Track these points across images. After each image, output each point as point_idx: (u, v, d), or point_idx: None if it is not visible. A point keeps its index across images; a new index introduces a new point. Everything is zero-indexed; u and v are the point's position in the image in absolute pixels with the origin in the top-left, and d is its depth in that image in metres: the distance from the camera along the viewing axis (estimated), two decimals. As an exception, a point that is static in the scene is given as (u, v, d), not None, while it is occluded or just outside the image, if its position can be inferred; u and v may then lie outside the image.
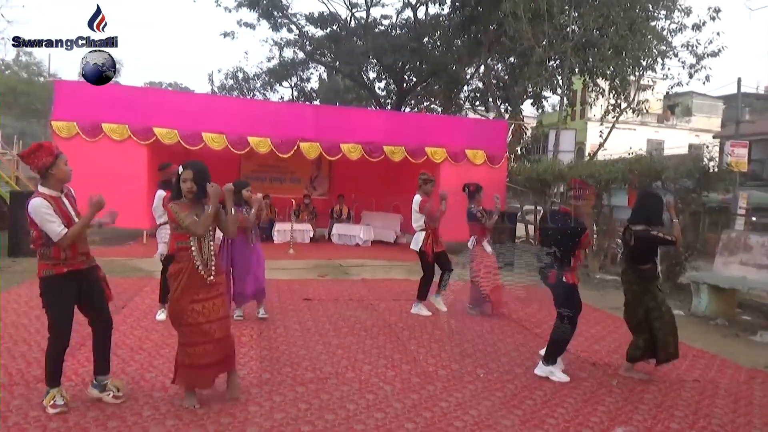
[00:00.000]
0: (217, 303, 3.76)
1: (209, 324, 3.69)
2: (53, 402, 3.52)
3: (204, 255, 3.69)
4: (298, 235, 13.44)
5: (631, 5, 15.68)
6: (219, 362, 3.79)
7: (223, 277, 3.93)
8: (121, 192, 9.56)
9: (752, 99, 29.62)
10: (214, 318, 3.72)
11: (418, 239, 6.91)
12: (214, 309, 3.73)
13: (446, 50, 20.43)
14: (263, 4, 20.90)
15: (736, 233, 8.40)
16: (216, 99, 17.55)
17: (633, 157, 11.00)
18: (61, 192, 3.61)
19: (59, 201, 3.57)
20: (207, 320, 3.68)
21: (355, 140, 12.34)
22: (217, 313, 3.74)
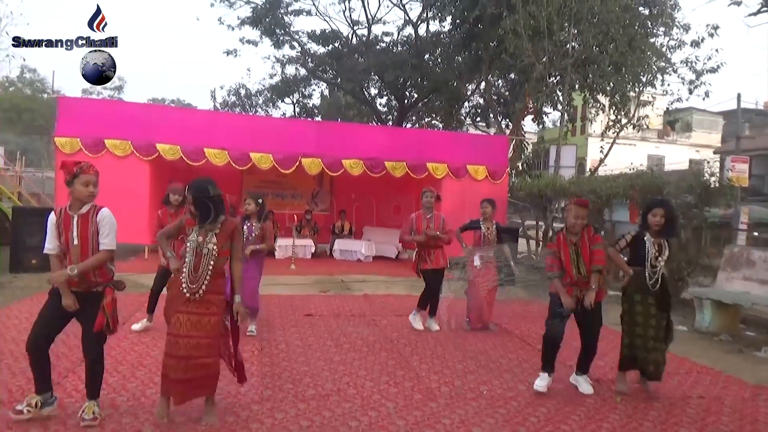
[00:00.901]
0: (203, 321, 3.64)
1: (184, 338, 3.59)
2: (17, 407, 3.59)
3: (198, 272, 3.65)
4: (299, 250, 13.42)
5: (630, 22, 15.81)
6: (187, 381, 3.62)
7: (219, 298, 3.75)
8: (124, 207, 9.52)
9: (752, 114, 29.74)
10: (193, 334, 3.60)
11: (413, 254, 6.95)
12: (198, 325, 3.62)
13: (447, 67, 20.56)
14: (266, 22, 21.11)
15: (738, 248, 8.39)
16: (218, 115, 17.63)
17: (634, 172, 11.03)
18: (78, 210, 3.61)
19: (69, 219, 3.59)
20: (186, 334, 3.59)
21: (356, 156, 12.37)
22: (198, 331, 3.62)
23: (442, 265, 6.89)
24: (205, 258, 3.67)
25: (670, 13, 16.48)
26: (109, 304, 3.62)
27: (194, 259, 3.66)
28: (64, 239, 3.57)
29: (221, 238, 3.73)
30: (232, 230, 3.79)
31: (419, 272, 6.86)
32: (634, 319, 4.73)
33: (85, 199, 3.62)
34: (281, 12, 21.59)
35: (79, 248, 3.57)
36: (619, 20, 15.20)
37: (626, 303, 4.83)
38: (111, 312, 3.62)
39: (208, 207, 3.68)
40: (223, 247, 3.74)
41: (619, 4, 15.22)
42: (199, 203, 3.69)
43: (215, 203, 3.70)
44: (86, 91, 39.56)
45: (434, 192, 6.97)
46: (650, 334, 4.65)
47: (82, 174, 3.58)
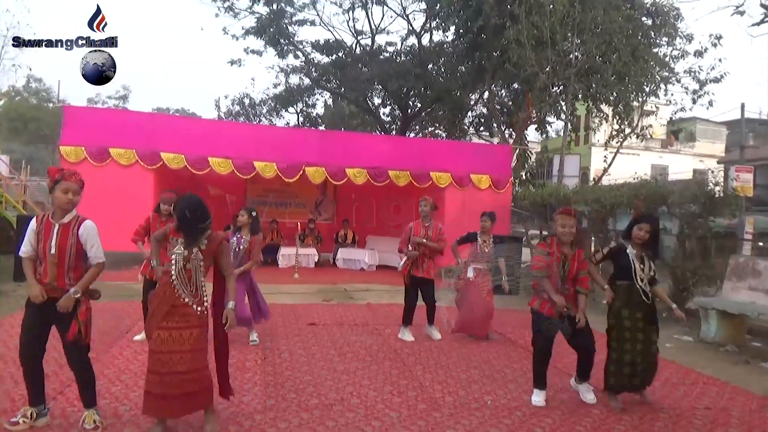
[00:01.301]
0: (185, 335, 3.56)
1: (169, 354, 3.51)
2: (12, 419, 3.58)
3: (192, 284, 3.61)
4: (303, 259, 13.42)
5: (633, 32, 15.83)
6: (179, 396, 3.52)
7: (203, 310, 3.68)
8: (128, 216, 9.56)
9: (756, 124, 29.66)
10: (175, 349, 3.52)
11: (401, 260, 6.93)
12: (179, 340, 3.54)
13: (450, 76, 20.61)
14: (270, 32, 21.22)
15: (743, 258, 8.33)
16: (222, 124, 17.70)
17: (638, 182, 10.99)
18: (60, 219, 3.57)
19: (50, 227, 3.56)
20: (168, 350, 3.51)
21: (360, 165, 12.40)
22: (180, 345, 3.54)
23: (432, 276, 6.81)
24: (194, 271, 3.62)
25: (673, 23, 16.51)
26: (83, 312, 3.57)
27: (182, 271, 3.59)
28: (42, 246, 3.53)
29: (206, 255, 3.66)
30: (217, 247, 3.72)
31: (409, 278, 6.78)
32: (623, 335, 4.62)
33: (64, 206, 3.56)
34: (285, 22, 21.72)
35: (56, 257, 3.52)
36: (622, 30, 15.23)
37: (612, 319, 4.71)
38: (84, 320, 3.57)
39: (193, 228, 3.62)
40: (207, 263, 3.69)
41: (622, 14, 15.26)
42: (184, 223, 3.62)
43: (201, 224, 3.63)
44: (91, 101, 39.88)
45: (430, 200, 6.89)
46: (638, 349, 4.58)
47: (62, 181, 3.54)
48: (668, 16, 16.45)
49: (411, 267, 6.77)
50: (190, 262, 3.60)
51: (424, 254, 6.72)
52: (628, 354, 4.59)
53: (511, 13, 14.88)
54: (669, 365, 6.13)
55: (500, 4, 15.24)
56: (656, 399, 4.87)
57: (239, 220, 6.22)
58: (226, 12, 21.55)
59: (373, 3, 22.07)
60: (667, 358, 6.43)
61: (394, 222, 14.54)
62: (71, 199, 3.57)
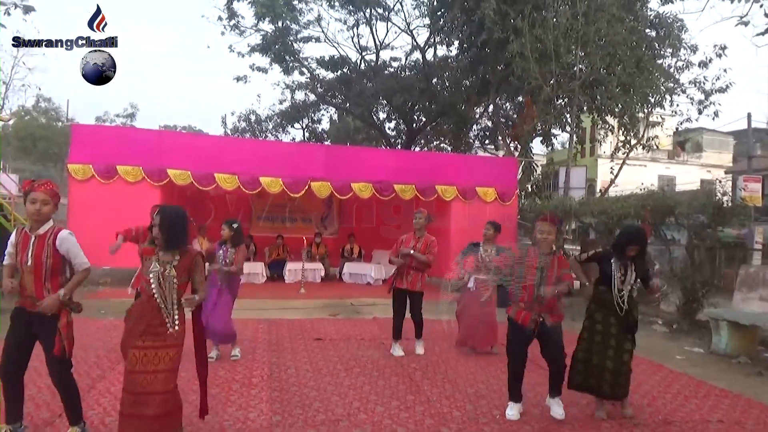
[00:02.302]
0: (161, 354, 3.47)
1: (140, 374, 3.42)
2: None
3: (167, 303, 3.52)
4: (309, 274, 13.39)
5: (638, 44, 15.86)
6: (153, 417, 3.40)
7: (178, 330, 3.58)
8: (134, 233, 9.60)
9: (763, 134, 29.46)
10: (151, 369, 3.44)
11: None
12: (150, 360, 3.45)
13: (455, 90, 20.68)
14: (275, 49, 21.41)
15: (754, 268, 8.26)
16: (228, 140, 17.80)
17: (645, 192, 10.94)
18: (36, 231, 3.54)
19: (27, 239, 3.53)
20: (142, 370, 3.43)
21: (365, 179, 12.41)
22: (154, 365, 3.45)
23: (419, 289, 6.69)
24: (168, 290, 3.53)
25: (677, 34, 16.52)
26: (64, 326, 3.51)
27: (161, 289, 3.51)
28: (20, 259, 3.51)
29: (179, 271, 3.57)
30: (191, 262, 3.63)
31: (392, 289, 6.72)
32: (593, 338, 4.64)
33: (33, 217, 3.51)
34: (291, 39, 21.91)
35: (32, 269, 3.49)
36: (626, 42, 15.26)
37: (587, 321, 4.74)
38: (66, 334, 3.50)
39: (174, 233, 3.58)
40: (182, 280, 3.59)
41: (625, 26, 15.29)
42: (166, 228, 3.57)
43: (182, 231, 3.62)
44: (99, 119, 40.23)
45: (425, 213, 6.80)
46: (609, 354, 4.55)
47: (31, 191, 3.51)
48: (672, 28, 16.46)
49: (395, 278, 6.73)
50: (164, 279, 3.52)
51: (410, 266, 6.62)
52: (596, 356, 4.59)
53: (514, 26, 14.94)
54: (680, 377, 6.04)
55: (503, 18, 15.31)
56: (668, 412, 4.79)
57: (222, 234, 6.20)
58: (232, 30, 21.80)
59: (377, 19, 22.29)
60: (678, 370, 6.35)
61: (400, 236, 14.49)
62: (39, 209, 3.50)
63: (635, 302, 4.68)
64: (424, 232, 6.75)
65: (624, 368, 4.57)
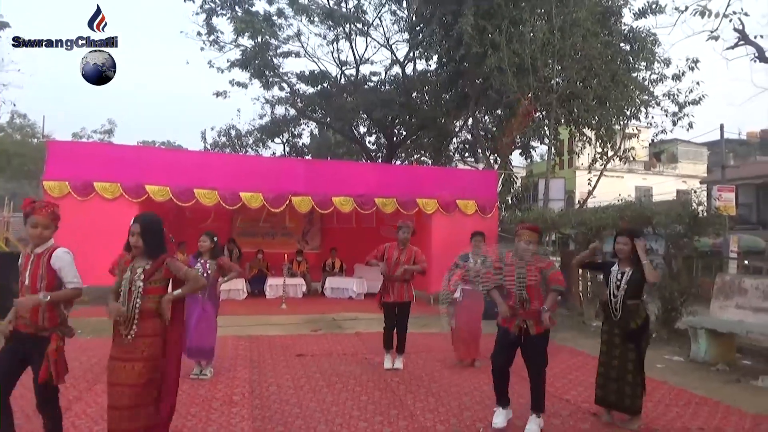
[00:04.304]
0: (127, 368, 3.39)
1: (118, 387, 3.37)
2: None
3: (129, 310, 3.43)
4: (290, 289, 13.30)
5: (612, 58, 16.16)
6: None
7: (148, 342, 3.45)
8: (112, 250, 9.43)
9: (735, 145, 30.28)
10: (126, 382, 3.37)
11: None
12: (123, 373, 3.38)
13: (434, 104, 20.84)
14: (255, 64, 21.39)
15: (730, 277, 8.39)
16: (208, 156, 17.69)
17: (622, 203, 11.09)
18: (34, 250, 3.51)
19: (28, 259, 3.51)
20: (118, 382, 3.38)
21: (346, 193, 12.40)
22: (126, 379, 3.37)
23: (406, 299, 6.70)
24: (133, 297, 3.45)
25: (650, 48, 16.86)
26: (53, 351, 3.38)
27: (125, 298, 3.46)
28: (20, 280, 3.48)
29: (148, 273, 3.50)
30: (161, 264, 3.54)
31: (381, 305, 6.71)
32: (601, 349, 4.77)
33: (33, 240, 3.49)
34: (270, 54, 21.91)
35: (29, 289, 3.43)
36: (602, 56, 15.54)
37: (602, 334, 4.85)
38: (55, 359, 3.37)
39: (156, 241, 3.56)
40: (154, 284, 3.52)
41: (600, 40, 15.59)
42: (149, 236, 3.54)
43: (162, 239, 3.61)
44: (76, 135, 39.73)
45: (410, 227, 6.84)
46: (614, 365, 4.62)
47: (32, 214, 3.47)
48: (645, 42, 16.79)
49: (381, 294, 6.72)
50: (133, 285, 3.47)
51: (394, 279, 6.62)
52: (602, 367, 4.69)
53: (492, 41, 15.15)
54: (661, 386, 6.10)
55: (480, 33, 15.51)
56: (649, 420, 4.82)
57: (202, 246, 6.09)
58: (211, 46, 21.73)
59: (356, 34, 22.39)
60: (659, 378, 6.40)
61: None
62: (40, 233, 3.48)
63: (636, 309, 4.66)
64: (406, 244, 6.77)
65: (628, 377, 4.58)
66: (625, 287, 4.62)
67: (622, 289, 4.63)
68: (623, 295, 4.62)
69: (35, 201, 3.61)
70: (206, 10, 20.48)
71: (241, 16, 19.33)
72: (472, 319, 6.87)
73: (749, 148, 35.28)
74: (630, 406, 4.61)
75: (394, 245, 6.77)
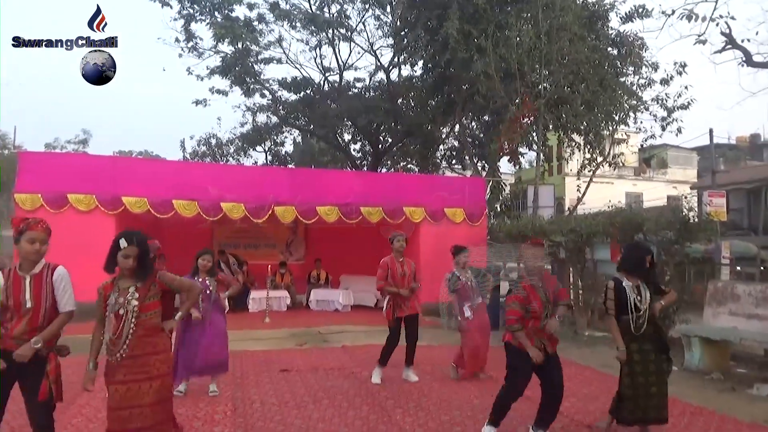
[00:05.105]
0: (143, 388, 3.40)
1: (125, 411, 3.36)
2: None
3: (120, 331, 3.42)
4: (274, 302, 13.22)
5: (600, 62, 16.37)
6: None
7: (161, 358, 3.53)
8: (87, 265, 9.30)
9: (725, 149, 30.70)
10: (133, 404, 3.37)
11: (384, 303, 6.87)
12: (134, 395, 3.38)
13: (420, 110, 20.93)
14: (235, 71, 21.35)
15: (722, 283, 8.46)
16: (187, 165, 17.62)
17: (613, 210, 11.18)
18: (30, 270, 3.48)
19: (19, 280, 3.45)
20: (125, 406, 3.37)
21: (331, 202, 12.40)
22: (140, 399, 3.38)
23: (417, 311, 6.86)
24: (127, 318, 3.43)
25: (638, 52, 17.10)
26: (53, 370, 3.45)
27: (114, 322, 3.44)
28: (13, 302, 3.42)
29: (143, 291, 3.50)
30: (155, 278, 3.55)
31: (395, 320, 6.71)
32: (634, 369, 4.60)
33: (32, 257, 3.49)
34: (251, 61, 21.89)
35: (32, 311, 3.42)
36: (589, 60, 15.73)
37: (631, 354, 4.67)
38: (55, 378, 3.44)
39: (149, 262, 3.56)
40: (148, 299, 3.51)
41: (587, 45, 15.78)
42: (144, 257, 3.53)
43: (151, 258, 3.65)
44: (49, 146, 39.27)
45: (405, 235, 6.94)
46: (652, 380, 4.57)
47: (28, 230, 3.47)
48: (633, 46, 17.03)
49: (394, 309, 6.70)
50: (124, 305, 3.44)
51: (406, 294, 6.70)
52: (641, 387, 4.57)
53: (478, 46, 15.27)
54: (655, 396, 6.12)
55: (466, 37, 15.63)
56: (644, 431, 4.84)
57: (204, 264, 6.07)
58: (190, 52, 21.64)
59: (339, 40, 22.46)
60: (652, 389, 6.42)
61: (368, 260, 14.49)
62: (39, 249, 3.50)
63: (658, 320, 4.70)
64: (403, 255, 6.85)
65: (664, 389, 4.61)
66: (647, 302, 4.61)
67: (644, 302, 4.60)
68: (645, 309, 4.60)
69: (26, 218, 3.60)
70: (184, 15, 20.38)
71: (221, 22, 19.29)
72: (483, 336, 6.94)
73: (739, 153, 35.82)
74: (666, 416, 4.65)
75: (392, 259, 6.80)
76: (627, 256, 4.88)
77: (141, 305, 3.46)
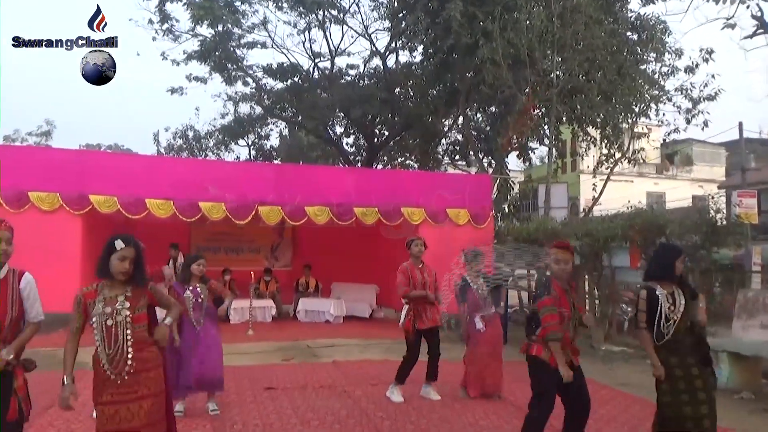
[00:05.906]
0: (132, 408, 3.35)
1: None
2: None
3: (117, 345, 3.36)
4: (258, 313, 13.21)
5: (618, 48, 16.39)
6: None
7: (152, 375, 3.48)
8: (51, 270, 9.30)
9: (756, 144, 30.64)
10: (123, 428, 3.32)
11: (401, 314, 6.88)
12: (125, 417, 3.33)
13: (420, 101, 20.94)
14: (215, 56, 21.32)
15: (753, 293, 8.44)
16: (162, 161, 17.59)
17: (632, 211, 11.19)
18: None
19: None
20: (115, 429, 3.31)
21: (321, 202, 12.38)
22: (127, 422, 3.32)
23: (439, 323, 6.95)
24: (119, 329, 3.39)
25: (660, 37, 17.11)
26: (21, 386, 3.44)
27: (104, 330, 3.37)
28: None
29: (133, 301, 3.46)
30: (145, 288, 3.54)
31: (416, 333, 6.72)
32: (677, 386, 4.41)
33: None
34: (233, 45, 21.85)
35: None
36: (606, 46, 15.74)
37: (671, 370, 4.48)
38: (24, 395, 3.44)
39: (143, 265, 3.55)
40: (137, 311, 3.47)
41: (604, 29, 15.80)
42: (141, 262, 3.53)
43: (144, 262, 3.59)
44: (8, 138, 39.13)
45: (423, 240, 7.06)
46: (700, 398, 4.37)
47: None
48: (655, 30, 17.04)
49: (414, 320, 6.70)
50: (113, 316, 3.40)
51: (426, 302, 6.75)
52: (687, 406, 4.37)
53: (484, 30, 15.28)
54: (679, 417, 6.13)
55: (471, 20, 15.64)
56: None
57: (197, 270, 6.12)
58: (165, 35, 21.59)
59: (331, 22, 22.46)
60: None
61: (362, 266, 14.49)
62: (4, 249, 3.54)
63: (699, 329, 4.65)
64: (421, 260, 6.95)
65: (715, 411, 4.48)
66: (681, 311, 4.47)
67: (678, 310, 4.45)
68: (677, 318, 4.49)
69: None
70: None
71: (199, 2, 19.25)
72: (494, 352, 6.94)
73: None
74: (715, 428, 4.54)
75: (411, 265, 6.88)
76: (654, 263, 4.82)
77: (132, 316, 3.43)
